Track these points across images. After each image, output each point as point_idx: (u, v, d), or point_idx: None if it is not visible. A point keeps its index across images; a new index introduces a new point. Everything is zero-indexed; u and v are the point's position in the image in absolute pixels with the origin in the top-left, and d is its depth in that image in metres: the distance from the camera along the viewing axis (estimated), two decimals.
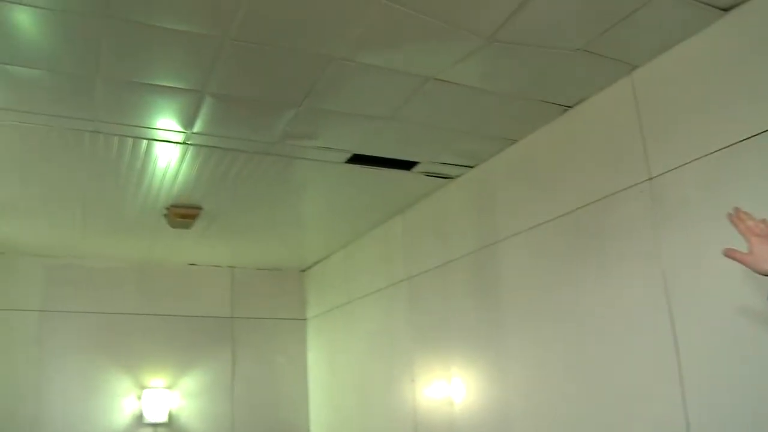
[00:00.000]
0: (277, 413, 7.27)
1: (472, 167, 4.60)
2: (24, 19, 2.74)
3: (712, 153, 2.96)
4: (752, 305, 2.70)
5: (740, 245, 2.04)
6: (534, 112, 3.81)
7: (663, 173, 3.20)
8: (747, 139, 2.81)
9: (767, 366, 2.66)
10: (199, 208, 5.14)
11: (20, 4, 2.63)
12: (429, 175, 4.70)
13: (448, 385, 4.78)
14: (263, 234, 6.16)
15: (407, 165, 4.52)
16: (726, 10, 2.89)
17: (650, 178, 3.26)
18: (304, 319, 7.63)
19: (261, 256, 7.03)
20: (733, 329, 2.79)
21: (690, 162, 3.06)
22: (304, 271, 7.72)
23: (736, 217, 1.89)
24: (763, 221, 1.86)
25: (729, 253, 1.88)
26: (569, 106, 3.76)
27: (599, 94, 3.60)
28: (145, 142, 3.97)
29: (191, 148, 4.07)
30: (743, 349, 2.75)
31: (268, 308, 7.49)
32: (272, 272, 7.58)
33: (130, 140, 3.93)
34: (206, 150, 4.12)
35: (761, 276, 1.85)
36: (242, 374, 7.17)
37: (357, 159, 4.36)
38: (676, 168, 3.13)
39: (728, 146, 2.89)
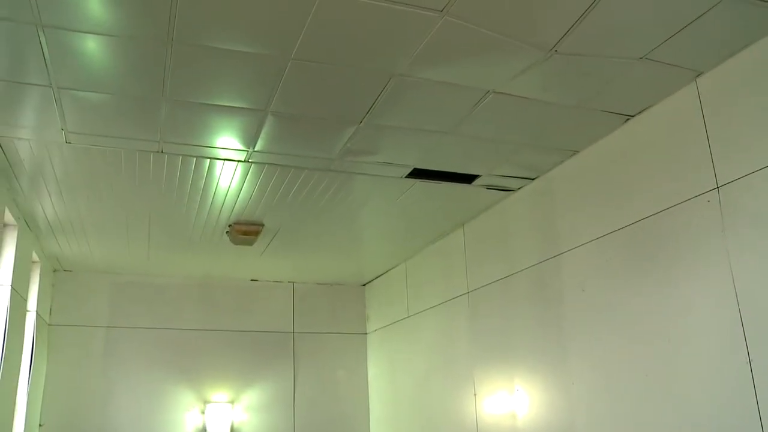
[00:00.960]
0: (338, 427, 7.30)
1: (533, 179, 4.55)
2: (92, 46, 2.82)
3: None
4: None
5: None
6: (595, 122, 3.75)
7: (731, 181, 3.10)
8: None
9: None
10: (260, 224, 5.21)
11: (89, 33, 2.72)
12: (490, 188, 4.67)
13: (510, 398, 4.72)
14: (324, 249, 6.20)
15: (468, 178, 4.50)
16: None
17: (718, 187, 3.16)
18: (365, 334, 7.65)
19: (322, 270, 7.08)
20: None
21: (760, 170, 2.96)
22: (364, 285, 7.75)
23: None
24: None
25: None
26: (631, 115, 3.69)
27: (662, 102, 3.52)
28: (208, 161, 4.04)
29: (253, 165, 4.13)
30: None
31: (328, 323, 7.54)
32: (333, 287, 7.64)
33: (193, 159, 4.01)
34: (268, 167, 4.17)
35: None
36: (303, 388, 7.23)
37: (417, 173, 4.36)
38: (744, 176, 3.03)
39: None
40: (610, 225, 3.84)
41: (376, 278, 7.44)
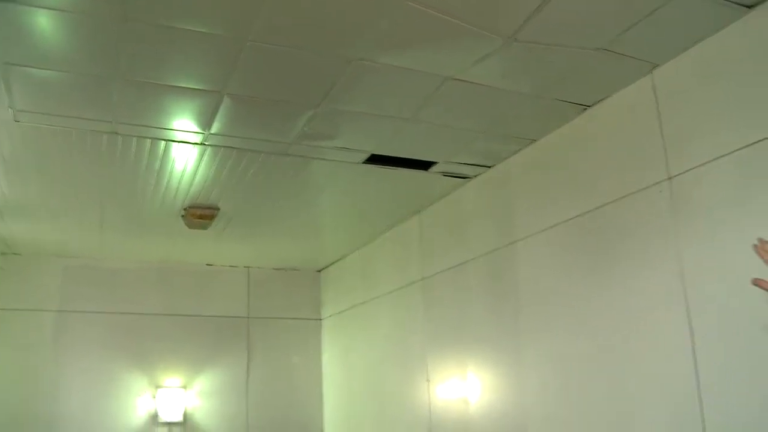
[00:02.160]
0: (291, 413, 7.29)
1: (490, 167, 4.58)
2: (43, 21, 2.75)
3: (733, 152, 2.92)
4: None
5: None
6: (553, 111, 3.78)
7: (683, 172, 3.16)
8: None
9: None
10: (216, 208, 5.15)
11: (40, 7, 2.64)
12: (447, 175, 4.68)
13: (463, 385, 4.77)
14: (280, 234, 6.17)
15: (425, 165, 4.51)
16: (750, 7, 2.84)
17: (670, 178, 3.22)
18: (320, 319, 7.64)
19: (277, 256, 7.04)
20: (754, 336, 2.75)
21: (711, 161, 3.02)
22: (320, 271, 7.73)
23: (761, 248, 1.89)
24: None
25: (757, 283, 1.88)
26: (588, 106, 3.73)
27: (619, 93, 3.57)
28: (163, 143, 3.98)
29: (209, 148, 4.08)
30: (764, 357, 2.71)
31: (283, 308, 7.51)
32: (288, 272, 7.60)
33: (148, 141, 3.94)
34: (224, 150, 4.12)
35: None
36: (257, 374, 7.20)
37: (375, 159, 4.35)
38: (696, 167, 3.09)
39: (750, 145, 2.84)
40: (565, 214, 3.89)
41: (331, 264, 7.43)
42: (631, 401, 3.34)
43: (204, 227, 5.47)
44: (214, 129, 3.80)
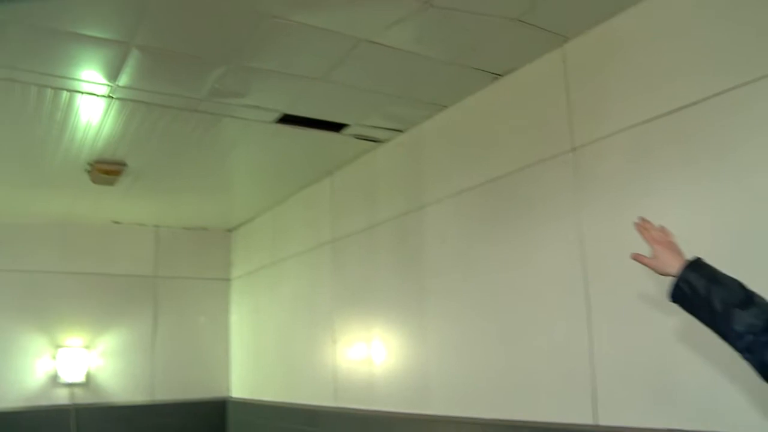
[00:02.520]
0: (198, 373, 7.26)
1: (401, 131, 4.62)
2: None
3: (633, 126, 3.04)
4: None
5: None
6: (465, 79, 3.84)
7: (586, 144, 3.28)
8: (666, 114, 2.90)
9: (665, 331, 2.79)
10: (123, 164, 5.02)
11: None
12: (358, 137, 4.70)
13: (368, 346, 4.85)
14: (189, 193, 6.07)
15: (337, 127, 4.51)
16: None
17: (574, 149, 3.34)
18: (229, 280, 7.60)
19: (187, 215, 6.94)
20: (643, 296, 2.91)
21: (612, 135, 3.15)
22: (230, 231, 7.66)
23: (642, 226, 2.00)
24: (662, 229, 1.96)
25: (636, 258, 1.99)
26: (500, 75, 3.80)
27: (530, 64, 3.65)
28: (66, 93, 3.83)
29: (116, 101, 3.95)
30: (648, 316, 2.88)
31: (192, 268, 7.43)
32: (198, 232, 7.50)
33: (49, 90, 3.78)
34: (131, 104, 4.01)
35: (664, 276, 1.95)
36: (164, 334, 7.12)
37: (286, 119, 4.32)
38: (598, 140, 3.22)
39: (649, 120, 2.98)
40: (472, 180, 3.98)
41: (242, 224, 7.38)
42: (529, 362, 3.49)
43: (110, 183, 5.33)
44: (122, 81, 3.68)
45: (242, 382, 7.17)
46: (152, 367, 7.00)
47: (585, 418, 3.13)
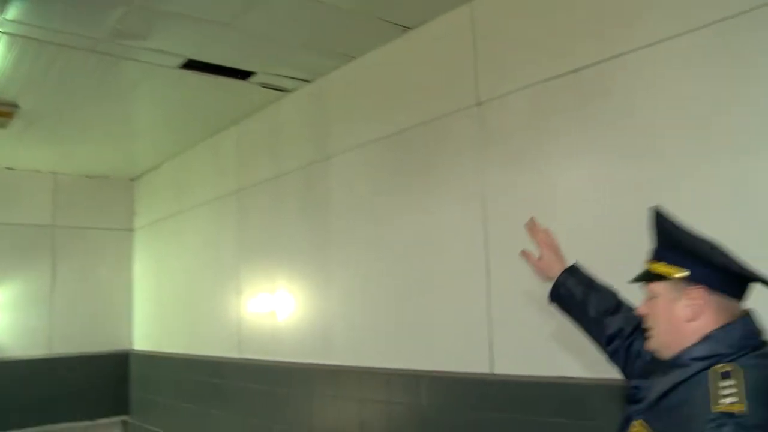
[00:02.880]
0: (99, 326, 7.10)
1: (309, 81, 4.58)
2: None
3: (537, 83, 3.12)
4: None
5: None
6: (374, 30, 3.82)
7: (491, 99, 3.34)
8: (568, 73, 2.98)
9: None
10: (14, 105, 4.77)
11: None
12: (265, 86, 4.63)
13: (272, 298, 4.86)
14: (90, 139, 5.85)
15: (243, 75, 4.43)
16: None
17: (479, 104, 3.39)
18: (132, 230, 7.41)
19: (87, 162, 6.70)
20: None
21: (516, 91, 3.21)
22: (133, 180, 7.45)
23: (531, 226, 2.05)
24: (547, 231, 2.03)
25: (524, 255, 2.05)
26: (409, 27, 3.80)
27: (440, 17, 3.66)
28: None
29: (4, 36, 3.73)
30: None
31: (93, 217, 7.20)
32: (99, 180, 7.26)
33: None
34: (23, 41, 3.79)
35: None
36: (63, 286, 6.91)
37: (191, 65, 4.21)
38: (503, 95, 3.28)
39: (551, 78, 3.06)
40: (379, 132, 4.00)
41: (145, 173, 7.18)
42: (430, 314, 3.59)
43: (2, 126, 5.07)
44: (10, 15, 3.46)
45: (145, 335, 7.06)
46: (50, 321, 6.78)
47: (483, 368, 3.25)
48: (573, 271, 1.96)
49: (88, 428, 6.91)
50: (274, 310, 4.82)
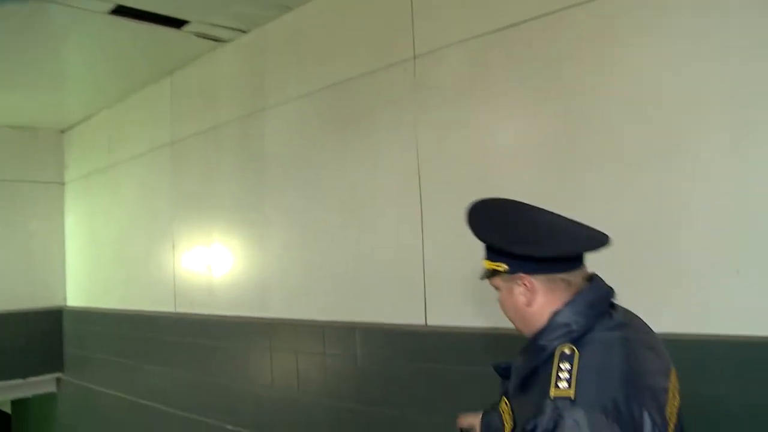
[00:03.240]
0: (30, 282, 6.92)
1: (245, 32, 4.48)
2: None
3: (471, 38, 3.12)
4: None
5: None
6: None
7: (426, 53, 3.33)
8: (502, 29, 2.99)
9: None
10: None
11: None
12: (200, 36, 4.51)
13: (208, 252, 4.81)
14: (15, 88, 5.62)
15: (177, 23, 4.30)
16: None
17: (415, 57, 3.38)
18: (63, 183, 7.20)
19: (13, 112, 6.45)
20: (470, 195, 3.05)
21: (451, 45, 3.21)
22: (63, 131, 7.22)
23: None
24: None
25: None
26: None
27: None
28: None
29: None
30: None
31: (20, 170, 6.97)
32: (26, 131, 7.00)
33: None
34: None
35: None
36: None
37: (122, 11, 4.06)
38: (438, 49, 3.27)
39: (485, 34, 3.06)
40: (315, 84, 3.95)
41: (76, 124, 6.96)
42: (366, 266, 3.61)
43: None
44: None
45: (79, 290, 6.93)
46: None
47: (418, 319, 3.30)
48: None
49: (21, 386, 6.80)
50: (209, 263, 4.78)
